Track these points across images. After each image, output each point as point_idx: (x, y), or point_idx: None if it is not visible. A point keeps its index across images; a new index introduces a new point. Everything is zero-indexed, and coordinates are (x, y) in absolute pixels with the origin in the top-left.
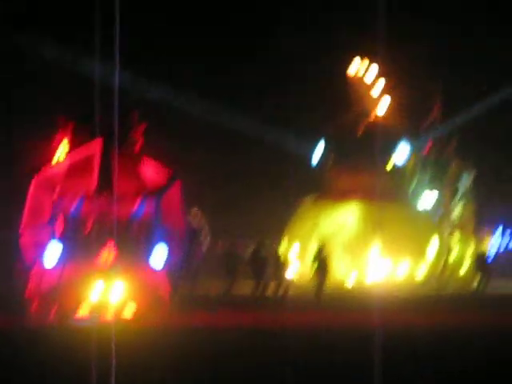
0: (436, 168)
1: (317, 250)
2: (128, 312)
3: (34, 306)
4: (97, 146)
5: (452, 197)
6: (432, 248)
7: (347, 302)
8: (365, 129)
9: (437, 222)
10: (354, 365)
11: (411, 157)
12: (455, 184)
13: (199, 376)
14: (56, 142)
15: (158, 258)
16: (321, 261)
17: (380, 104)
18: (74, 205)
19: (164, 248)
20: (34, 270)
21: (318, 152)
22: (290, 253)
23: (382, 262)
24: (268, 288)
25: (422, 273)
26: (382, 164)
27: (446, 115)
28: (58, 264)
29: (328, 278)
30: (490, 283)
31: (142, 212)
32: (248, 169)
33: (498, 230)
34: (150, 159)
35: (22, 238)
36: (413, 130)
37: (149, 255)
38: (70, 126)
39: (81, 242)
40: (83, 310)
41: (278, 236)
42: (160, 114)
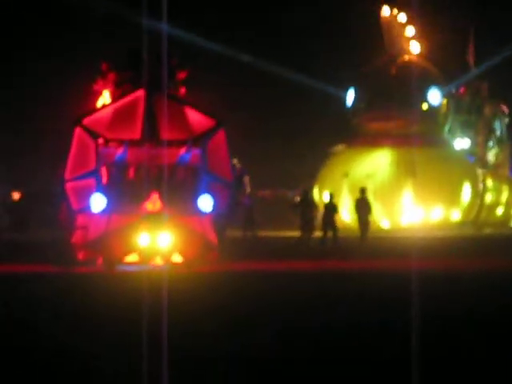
0: (470, 111)
1: (359, 195)
2: (177, 257)
3: (81, 253)
4: (140, 95)
5: (487, 140)
6: (467, 190)
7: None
8: (397, 71)
9: (472, 164)
10: None
11: (444, 100)
12: (490, 127)
13: (253, 321)
14: (98, 89)
15: (205, 204)
16: (359, 207)
17: (413, 45)
18: (119, 152)
19: (210, 194)
20: (80, 218)
21: (350, 95)
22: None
23: (415, 206)
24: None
25: (458, 215)
26: (415, 107)
27: (480, 58)
28: (104, 211)
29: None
30: None
31: (187, 159)
32: (284, 120)
33: None
34: (194, 107)
35: (67, 185)
36: (446, 73)
37: (195, 201)
38: (111, 76)
39: (127, 189)
40: (131, 256)
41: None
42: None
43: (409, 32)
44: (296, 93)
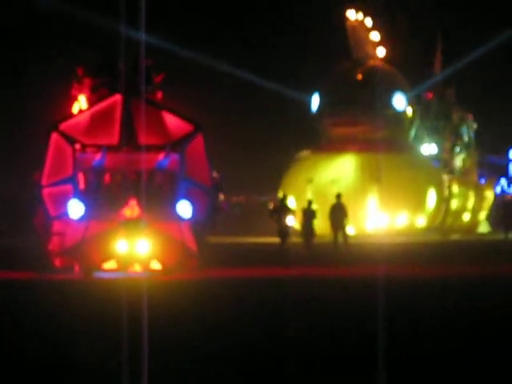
0: (438, 117)
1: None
2: (156, 264)
3: (58, 259)
4: (116, 100)
5: (453, 146)
6: (432, 196)
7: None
8: (362, 76)
9: (437, 170)
10: None
11: (410, 105)
12: (457, 133)
13: (230, 329)
14: (74, 94)
15: (184, 210)
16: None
17: (378, 49)
18: (97, 158)
19: (189, 200)
20: (57, 224)
21: (315, 100)
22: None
23: (380, 212)
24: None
25: (423, 221)
26: (380, 113)
27: (446, 63)
28: (82, 217)
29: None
30: None
31: (165, 164)
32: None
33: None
34: (172, 111)
35: (44, 191)
36: (412, 78)
37: (174, 207)
38: (87, 81)
39: (104, 195)
40: (109, 263)
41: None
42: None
43: (374, 37)
44: (260, 97)
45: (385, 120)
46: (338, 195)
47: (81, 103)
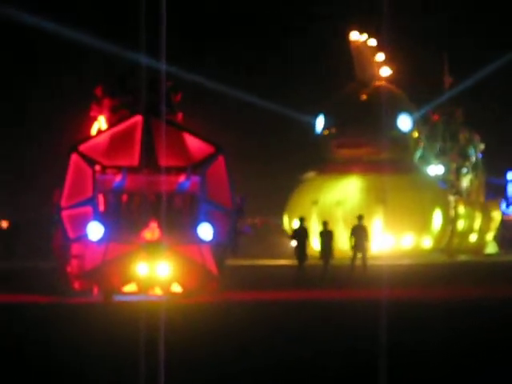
0: (445, 138)
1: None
2: (176, 288)
3: (77, 282)
4: (137, 121)
5: (461, 167)
6: (438, 217)
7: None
8: (367, 97)
9: (443, 190)
10: None
11: (415, 126)
12: (464, 154)
13: (253, 352)
14: (93, 115)
15: (205, 233)
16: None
17: (383, 70)
18: (117, 179)
19: (210, 222)
20: (76, 246)
21: (320, 122)
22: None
23: (386, 233)
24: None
25: (429, 242)
26: (385, 134)
27: (454, 84)
28: (102, 240)
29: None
30: None
31: (186, 186)
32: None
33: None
34: (192, 133)
35: (63, 213)
36: (418, 98)
37: (195, 230)
38: (106, 101)
39: (125, 218)
40: (129, 286)
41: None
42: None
43: (379, 57)
44: (265, 119)
45: (390, 141)
46: (360, 216)
47: (100, 124)
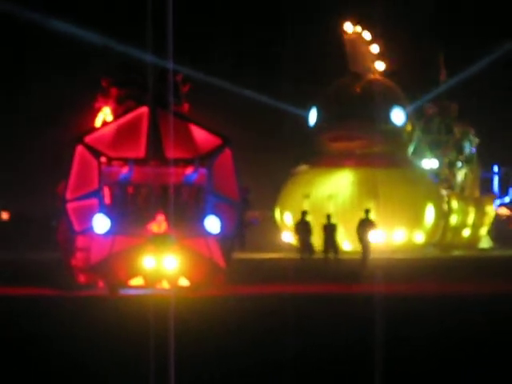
0: (440, 131)
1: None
2: (183, 281)
3: (82, 275)
4: (143, 112)
5: (455, 161)
6: (430, 211)
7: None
8: (360, 90)
9: (436, 185)
10: None
11: (409, 120)
12: (459, 148)
13: (260, 346)
14: (98, 106)
15: (212, 226)
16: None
17: (377, 63)
18: (124, 171)
19: (217, 215)
20: (81, 239)
21: (313, 114)
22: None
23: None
24: None
25: (421, 236)
26: (378, 127)
27: (449, 77)
28: (108, 232)
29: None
30: None
31: (193, 178)
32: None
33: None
34: (199, 124)
35: (68, 205)
36: (412, 92)
37: (202, 223)
38: (113, 91)
39: (131, 210)
40: (136, 279)
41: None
42: None
43: (373, 50)
44: (257, 112)
45: (383, 135)
46: (367, 210)
47: (105, 115)
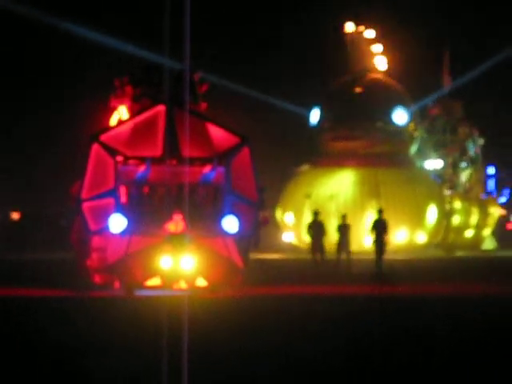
0: (445, 131)
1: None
2: (201, 281)
3: (97, 276)
4: (160, 110)
5: (459, 161)
6: (432, 212)
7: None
8: (363, 90)
9: (438, 185)
10: None
11: (412, 119)
12: (463, 148)
13: (277, 348)
14: (113, 105)
15: (230, 225)
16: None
17: (380, 62)
18: (141, 170)
19: (235, 214)
20: (97, 239)
21: (315, 114)
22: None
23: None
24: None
25: (423, 237)
26: (381, 127)
27: (453, 78)
28: (124, 232)
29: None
30: None
31: (210, 177)
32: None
33: None
34: (217, 123)
35: (84, 204)
36: (415, 92)
37: (220, 222)
38: (128, 89)
39: (148, 209)
40: (153, 280)
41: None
42: None
43: (375, 49)
44: (260, 110)
45: (385, 134)
46: (380, 210)
47: (121, 114)
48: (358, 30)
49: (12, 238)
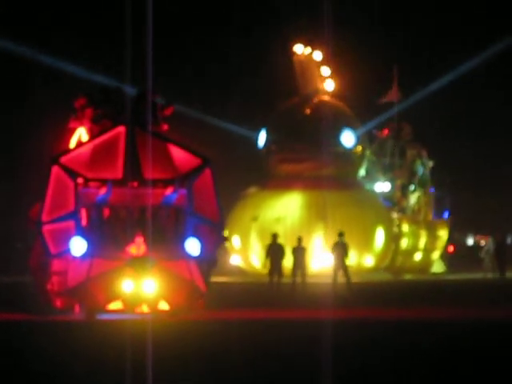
0: (393, 153)
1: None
2: (163, 305)
3: (58, 300)
4: (120, 131)
5: (408, 184)
6: (380, 235)
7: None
8: (310, 112)
9: (386, 208)
10: None
11: (360, 142)
12: (412, 170)
13: (238, 372)
14: (72, 127)
15: (192, 248)
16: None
17: (328, 84)
18: (102, 192)
19: (197, 236)
20: (57, 262)
21: (262, 136)
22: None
23: (326, 251)
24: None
25: (371, 260)
26: (328, 149)
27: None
28: (85, 255)
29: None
30: None
31: (172, 199)
32: None
33: None
34: (178, 144)
35: (44, 227)
36: (363, 113)
37: (182, 245)
38: (88, 112)
39: (109, 232)
40: (115, 303)
41: None
42: None
43: (323, 71)
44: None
45: (332, 157)
46: (341, 233)
47: (81, 136)
48: (307, 51)
49: None
